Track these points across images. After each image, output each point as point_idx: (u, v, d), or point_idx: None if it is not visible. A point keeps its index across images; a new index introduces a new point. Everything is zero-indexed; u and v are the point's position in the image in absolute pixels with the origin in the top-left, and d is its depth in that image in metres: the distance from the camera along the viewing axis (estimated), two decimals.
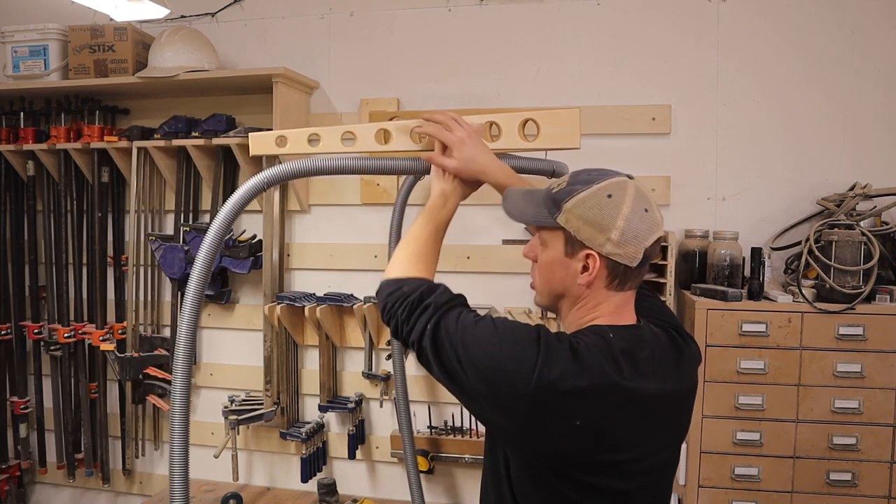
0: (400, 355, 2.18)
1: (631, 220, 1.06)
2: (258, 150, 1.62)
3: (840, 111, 2.12)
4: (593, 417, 1.02)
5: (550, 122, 1.53)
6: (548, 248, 1.14)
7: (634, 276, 1.11)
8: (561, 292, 1.14)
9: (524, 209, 1.18)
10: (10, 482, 2.67)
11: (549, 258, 1.14)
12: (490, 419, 1.07)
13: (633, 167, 2.16)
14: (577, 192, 1.09)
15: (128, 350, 2.50)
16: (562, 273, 1.12)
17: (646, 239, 1.07)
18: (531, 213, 1.16)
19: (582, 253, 1.08)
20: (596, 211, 1.07)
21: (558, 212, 1.10)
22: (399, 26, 2.38)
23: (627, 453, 1.05)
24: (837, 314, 1.82)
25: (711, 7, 2.17)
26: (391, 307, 1.12)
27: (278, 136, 1.58)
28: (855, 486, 1.83)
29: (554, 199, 1.11)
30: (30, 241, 2.64)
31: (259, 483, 2.58)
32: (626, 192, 1.08)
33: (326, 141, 1.56)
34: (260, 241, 2.42)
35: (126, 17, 2.12)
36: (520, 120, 1.52)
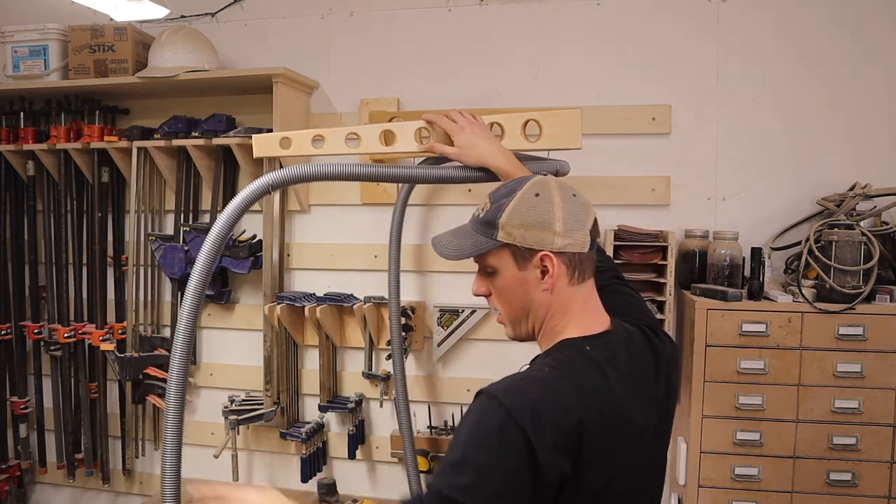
0: (400, 355, 2.18)
1: (566, 208, 1.06)
2: (262, 151, 1.60)
3: (840, 111, 2.11)
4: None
5: (552, 123, 1.54)
6: (499, 273, 1.10)
7: (588, 261, 1.10)
8: (527, 308, 1.10)
9: (461, 245, 1.13)
10: (10, 482, 2.67)
11: (503, 282, 1.10)
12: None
13: (633, 167, 2.19)
14: (504, 205, 1.08)
15: (128, 350, 2.50)
16: (522, 289, 1.09)
17: (587, 221, 1.07)
18: (469, 245, 1.11)
19: (535, 259, 1.06)
20: (532, 213, 1.05)
21: (496, 230, 1.07)
22: (399, 26, 2.38)
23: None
24: (837, 314, 1.82)
25: (711, 7, 2.17)
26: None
27: (282, 138, 1.57)
28: (855, 486, 1.83)
29: (486, 222, 1.09)
30: (30, 241, 2.64)
31: (259, 483, 2.58)
32: (549, 186, 1.08)
33: (331, 142, 1.55)
34: (260, 241, 2.42)
35: (126, 17, 2.12)
36: (522, 121, 1.52)
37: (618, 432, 1.01)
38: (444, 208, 2.36)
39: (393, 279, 2.16)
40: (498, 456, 0.92)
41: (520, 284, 1.08)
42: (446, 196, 2.35)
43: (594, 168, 2.22)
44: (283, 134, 1.57)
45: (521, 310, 1.11)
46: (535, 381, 1.00)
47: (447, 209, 2.35)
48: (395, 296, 2.17)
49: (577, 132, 1.55)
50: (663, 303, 2.02)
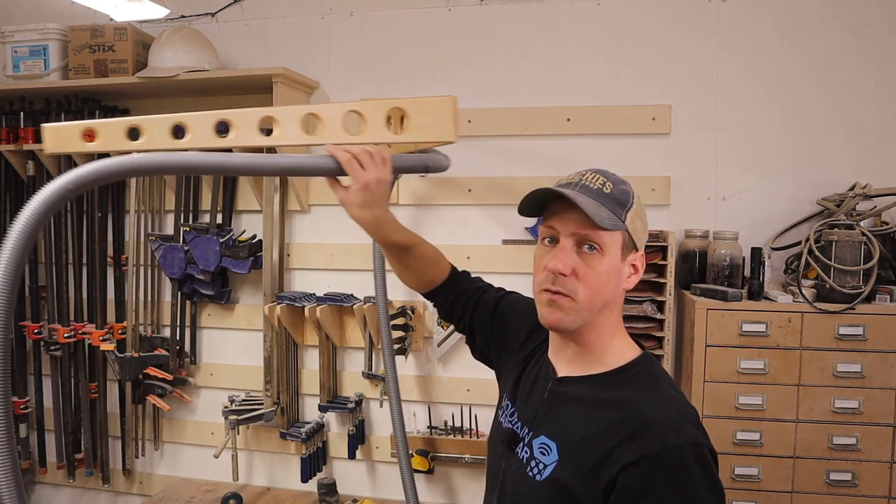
0: (391, 355, 2.17)
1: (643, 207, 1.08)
2: (56, 146, 1.25)
3: (840, 111, 2.12)
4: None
5: (420, 112, 1.35)
6: (605, 255, 1.01)
7: None
8: (608, 301, 1.04)
9: (600, 214, 1.00)
10: None
11: (604, 266, 1.01)
12: None
13: (633, 167, 2.19)
14: (629, 192, 1.05)
15: (128, 350, 2.50)
16: (616, 280, 1.03)
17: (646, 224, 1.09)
18: (606, 216, 1.00)
19: (634, 255, 1.05)
20: (644, 211, 1.07)
21: (625, 214, 1.02)
22: (399, 26, 2.38)
23: None
24: (837, 314, 1.82)
25: (711, 7, 2.17)
26: None
27: (85, 129, 1.26)
28: (855, 486, 1.83)
29: (617, 201, 1.02)
30: None
31: (259, 483, 2.58)
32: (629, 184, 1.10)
33: (151, 135, 1.29)
34: (260, 241, 2.42)
35: (126, 17, 2.12)
36: (385, 109, 1.33)
37: None
38: (446, 208, 2.36)
39: (379, 279, 2.13)
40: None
41: (615, 273, 1.03)
42: (446, 196, 2.35)
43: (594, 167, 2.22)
44: (85, 124, 1.23)
45: (602, 300, 1.03)
46: (690, 409, 1.01)
47: (449, 209, 2.35)
48: (382, 296, 2.16)
49: (450, 123, 1.35)
50: (663, 303, 2.02)
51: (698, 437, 0.95)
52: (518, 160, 2.29)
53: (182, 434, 2.64)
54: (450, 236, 2.34)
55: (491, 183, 2.30)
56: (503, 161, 2.31)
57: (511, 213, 2.27)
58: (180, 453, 2.67)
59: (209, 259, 2.36)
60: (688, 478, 0.92)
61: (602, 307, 1.04)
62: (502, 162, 2.31)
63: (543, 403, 1.10)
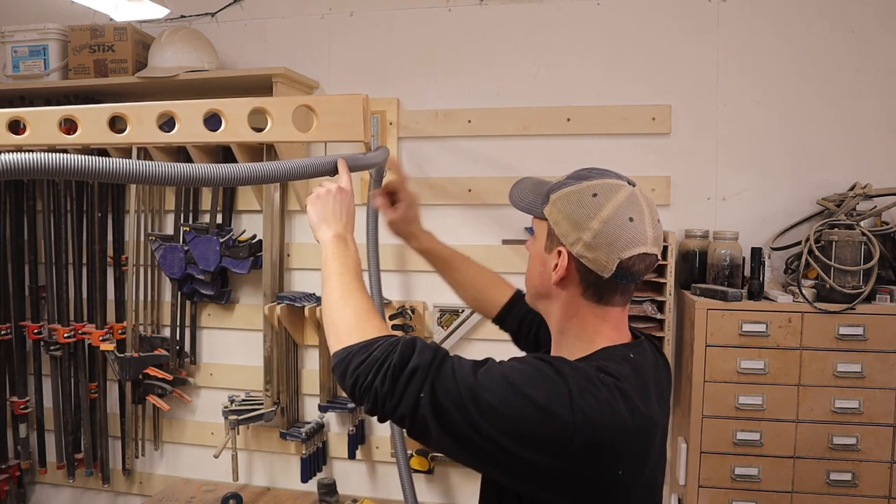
0: None
1: (608, 223, 0.98)
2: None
3: (840, 111, 2.11)
4: (634, 459, 0.96)
5: (328, 110, 1.34)
6: (535, 241, 1.12)
7: (610, 289, 1.03)
8: (539, 289, 1.11)
9: (524, 196, 1.15)
10: (9, 482, 2.67)
11: (534, 250, 1.13)
12: (520, 474, 0.93)
13: (633, 167, 2.19)
14: (568, 185, 1.05)
15: (128, 350, 2.50)
16: (540, 268, 1.09)
17: (622, 250, 0.98)
18: (527, 201, 1.13)
19: (556, 249, 1.04)
20: (576, 207, 1.01)
21: (546, 203, 1.07)
22: (399, 26, 2.38)
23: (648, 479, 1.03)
24: (837, 314, 1.82)
25: (711, 7, 2.17)
26: (364, 381, 0.95)
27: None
28: (855, 486, 1.83)
29: (547, 191, 1.09)
30: (30, 241, 2.64)
31: (259, 483, 2.58)
32: (615, 195, 1.01)
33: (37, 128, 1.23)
34: (260, 241, 2.42)
35: (126, 17, 2.12)
36: (293, 106, 1.32)
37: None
38: (446, 208, 2.36)
39: (374, 279, 2.09)
40: None
41: (540, 262, 1.09)
42: (446, 196, 2.35)
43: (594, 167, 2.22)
44: None
45: (535, 286, 1.12)
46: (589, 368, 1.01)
47: (449, 209, 2.35)
48: (377, 297, 2.14)
49: (359, 121, 1.34)
50: (663, 303, 2.02)
51: (566, 369, 0.94)
52: (518, 160, 2.29)
53: (182, 434, 2.64)
54: (450, 236, 2.31)
55: (491, 183, 2.30)
56: (503, 161, 2.31)
57: (511, 213, 2.27)
58: (180, 453, 2.67)
59: (209, 259, 2.36)
60: (527, 360, 0.99)
61: (540, 295, 1.12)
62: (502, 162, 2.31)
63: None
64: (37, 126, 1.20)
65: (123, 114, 1.25)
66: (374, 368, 0.95)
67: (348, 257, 1.17)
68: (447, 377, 0.93)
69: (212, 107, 1.30)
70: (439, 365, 0.94)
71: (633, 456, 0.96)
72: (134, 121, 1.27)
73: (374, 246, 2.05)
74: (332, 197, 1.25)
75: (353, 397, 0.98)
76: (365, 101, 1.32)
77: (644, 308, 2.04)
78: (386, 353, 0.96)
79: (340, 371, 0.99)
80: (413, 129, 2.35)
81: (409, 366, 0.93)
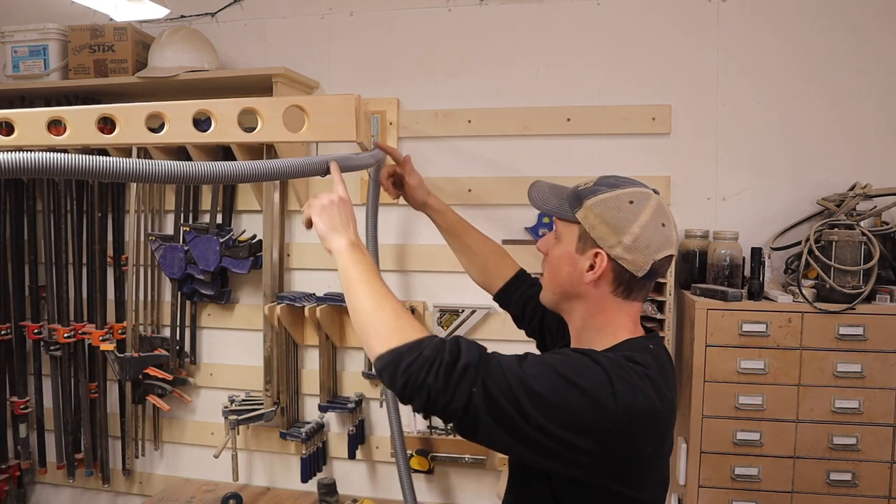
0: None
1: (646, 228, 1.09)
2: None
3: (840, 111, 2.11)
4: (660, 438, 1.08)
5: (320, 111, 1.34)
6: (561, 242, 1.17)
7: (639, 287, 1.14)
8: (568, 290, 1.16)
9: (547, 199, 1.21)
10: (9, 482, 2.67)
11: (560, 252, 1.17)
12: (564, 458, 0.99)
13: (633, 167, 2.19)
14: (601, 192, 1.13)
15: (128, 350, 2.50)
16: (569, 269, 1.15)
17: (657, 252, 1.10)
18: (553, 204, 1.19)
19: (591, 251, 1.12)
20: (615, 213, 1.10)
21: (579, 207, 1.13)
22: (399, 26, 2.38)
23: (665, 455, 1.13)
24: (837, 314, 1.82)
25: (711, 7, 2.17)
26: (417, 379, 0.98)
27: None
28: (855, 486, 1.83)
29: (577, 195, 1.15)
30: (30, 241, 2.64)
31: (259, 483, 2.58)
32: (648, 202, 1.12)
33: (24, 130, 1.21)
34: (260, 241, 2.42)
35: (126, 16, 2.12)
36: (283, 107, 1.32)
37: None
38: None
39: None
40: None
41: (569, 263, 1.15)
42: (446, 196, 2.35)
43: (594, 168, 2.22)
44: None
45: (562, 286, 1.17)
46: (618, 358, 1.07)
47: None
48: None
49: (351, 122, 1.34)
50: (663, 303, 2.02)
51: (602, 360, 1.02)
52: (518, 160, 2.30)
53: (182, 434, 2.64)
54: None
55: (491, 183, 2.30)
56: (503, 161, 2.31)
57: (511, 212, 2.30)
58: (180, 453, 2.67)
59: (209, 259, 2.36)
60: (566, 352, 1.08)
61: (567, 295, 1.17)
62: (502, 162, 2.31)
63: None
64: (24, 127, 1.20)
65: (112, 114, 1.25)
66: (425, 367, 0.98)
67: (368, 262, 1.19)
68: (496, 371, 0.98)
69: (201, 107, 1.30)
70: (487, 361, 1.00)
71: (660, 435, 1.08)
72: (122, 121, 1.26)
73: (373, 246, 2.06)
74: (335, 206, 1.27)
75: (403, 395, 1.01)
76: (358, 102, 1.33)
77: (644, 308, 2.03)
78: (436, 352, 0.99)
79: (390, 371, 1.01)
80: (413, 129, 2.35)
81: (459, 363, 0.98)
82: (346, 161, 1.38)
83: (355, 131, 1.32)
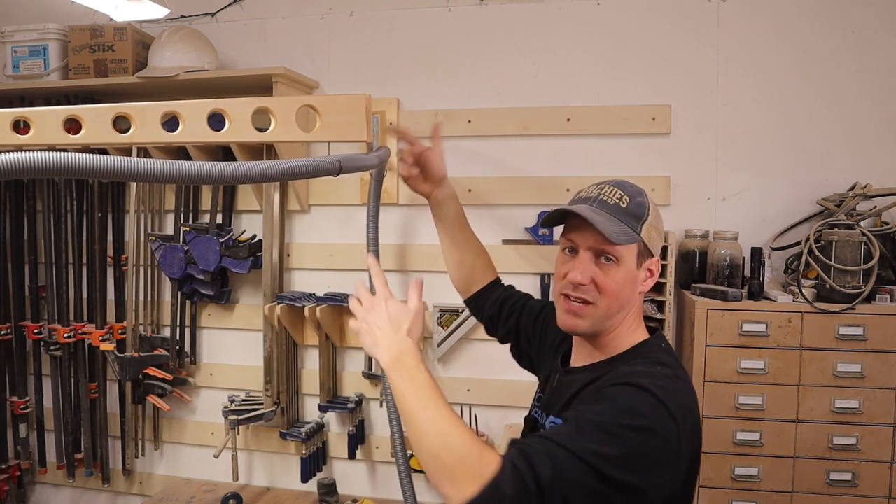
0: None
1: (660, 219, 1.19)
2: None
3: (840, 111, 2.11)
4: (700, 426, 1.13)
5: (332, 111, 1.33)
6: (620, 266, 1.12)
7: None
8: (624, 306, 1.15)
9: (616, 229, 1.10)
10: (9, 482, 2.67)
11: (621, 275, 1.12)
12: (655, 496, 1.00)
13: (633, 167, 2.19)
14: (645, 204, 1.15)
15: (128, 350, 2.50)
16: (631, 286, 1.14)
17: (663, 236, 1.21)
18: (620, 232, 1.10)
19: (650, 261, 1.15)
20: (660, 220, 1.17)
21: (641, 226, 1.13)
22: (399, 26, 2.38)
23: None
24: (837, 314, 1.82)
25: (711, 7, 2.17)
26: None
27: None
28: (855, 486, 1.83)
29: (633, 215, 1.13)
30: (30, 241, 2.64)
31: (259, 483, 2.58)
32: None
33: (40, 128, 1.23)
34: (260, 241, 2.42)
35: (126, 17, 2.11)
36: (296, 106, 1.31)
37: None
38: None
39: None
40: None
41: (631, 281, 1.14)
42: None
43: (594, 167, 2.22)
44: None
45: (620, 306, 1.14)
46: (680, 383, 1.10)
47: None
48: None
49: (362, 122, 1.34)
50: (663, 303, 2.02)
51: (658, 392, 1.00)
52: (518, 160, 2.29)
53: (182, 434, 2.64)
54: None
55: (491, 183, 2.30)
56: (503, 161, 2.31)
57: (511, 212, 2.30)
58: (180, 453, 2.67)
59: (209, 259, 2.36)
60: (610, 394, 1.01)
61: (621, 308, 1.15)
62: (502, 162, 2.31)
63: (549, 392, 1.27)
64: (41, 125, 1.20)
65: (127, 114, 1.25)
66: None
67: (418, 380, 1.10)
68: (568, 460, 0.94)
69: (215, 106, 1.30)
70: (555, 457, 0.94)
71: (700, 423, 1.12)
72: (138, 121, 1.26)
73: (374, 246, 2.05)
74: (372, 313, 1.21)
75: None
76: (368, 102, 1.33)
77: (644, 308, 2.04)
78: (517, 488, 0.93)
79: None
80: (413, 129, 2.33)
81: (542, 482, 0.93)
82: (355, 161, 1.37)
83: (366, 131, 1.32)
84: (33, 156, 0.96)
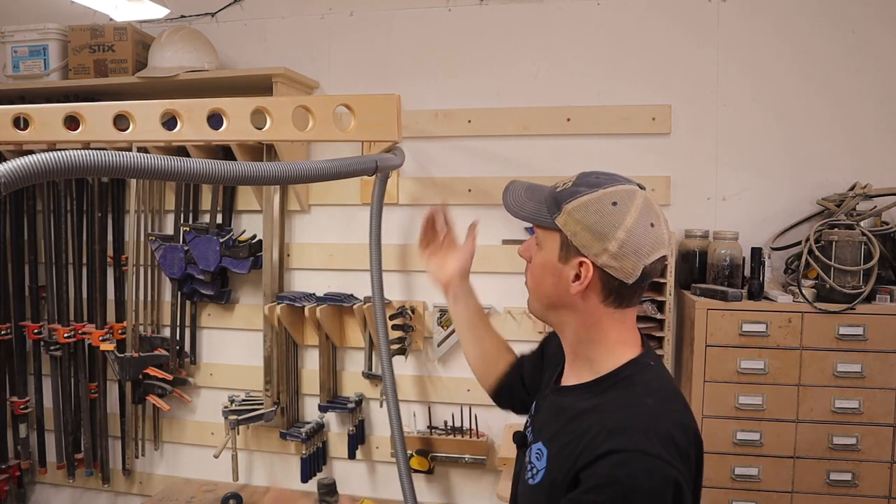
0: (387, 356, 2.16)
1: (633, 232, 0.98)
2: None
3: (840, 111, 2.11)
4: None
5: (365, 110, 1.36)
6: (542, 250, 1.08)
7: (631, 293, 1.03)
8: (554, 301, 1.07)
9: (523, 204, 1.10)
10: (9, 482, 2.67)
11: (541, 260, 1.08)
12: None
13: (633, 167, 2.19)
14: (580, 193, 1.02)
15: (128, 350, 2.50)
16: (553, 279, 1.05)
17: (647, 256, 0.99)
18: (530, 209, 1.09)
19: (575, 260, 1.01)
20: (597, 217, 0.99)
21: (558, 212, 1.03)
22: (399, 26, 2.38)
23: None
24: (837, 314, 1.82)
25: (711, 7, 2.17)
26: None
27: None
28: (855, 486, 1.83)
29: (556, 199, 1.05)
30: (30, 241, 2.64)
31: (259, 483, 2.58)
32: (633, 201, 1.00)
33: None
34: (260, 241, 2.42)
35: (126, 16, 2.12)
36: (333, 105, 1.34)
37: None
38: None
39: (376, 279, 2.04)
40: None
41: (553, 273, 1.05)
42: (446, 196, 2.35)
43: (594, 167, 2.20)
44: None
45: (547, 297, 1.09)
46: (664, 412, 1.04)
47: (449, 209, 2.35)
48: (378, 296, 2.13)
49: (393, 122, 1.37)
50: (663, 303, 2.02)
51: (646, 445, 0.94)
52: (518, 160, 2.30)
53: (182, 434, 2.64)
54: None
55: (491, 183, 2.30)
56: (503, 161, 2.31)
57: None
58: (180, 453, 2.67)
59: (209, 259, 2.36)
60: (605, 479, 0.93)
61: (553, 305, 1.08)
62: (502, 162, 2.31)
63: (542, 412, 1.17)
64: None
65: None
66: None
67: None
68: None
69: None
70: None
71: (700, 439, 1.11)
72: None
73: (376, 246, 2.05)
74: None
75: None
76: (398, 102, 1.35)
77: (644, 308, 2.04)
78: None
79: None
80: (413, 129, 2.35)
81: None
82: (388, 161, 1.39)
83: (397, 131, 1.33)
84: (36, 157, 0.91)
